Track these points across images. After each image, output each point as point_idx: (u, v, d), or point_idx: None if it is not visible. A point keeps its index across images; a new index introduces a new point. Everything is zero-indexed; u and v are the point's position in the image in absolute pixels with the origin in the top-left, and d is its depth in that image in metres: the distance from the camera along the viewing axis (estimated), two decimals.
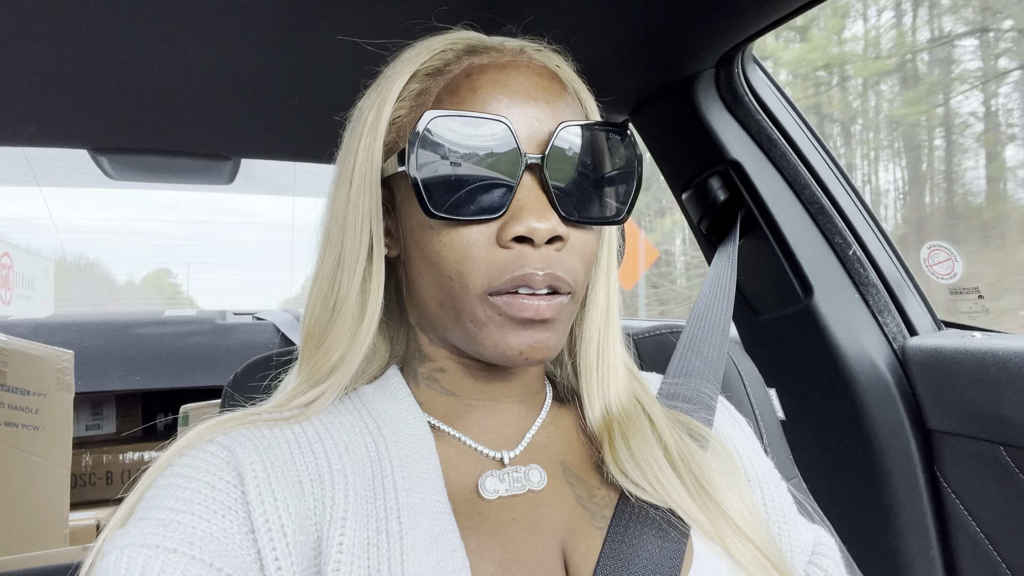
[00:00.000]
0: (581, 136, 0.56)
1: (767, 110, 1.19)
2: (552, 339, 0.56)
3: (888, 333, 1.16)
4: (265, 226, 11.29)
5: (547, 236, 0.53)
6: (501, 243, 0.54)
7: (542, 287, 0.54)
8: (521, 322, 0.54)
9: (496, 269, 0.54)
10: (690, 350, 0.83)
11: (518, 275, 0.53)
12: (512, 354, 0.55)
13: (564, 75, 0.63)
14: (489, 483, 0.57)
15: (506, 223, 0.53)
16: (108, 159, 1.52)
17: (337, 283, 0.60)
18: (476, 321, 0.55)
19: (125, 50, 1.03)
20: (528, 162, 0.54)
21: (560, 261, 0.54)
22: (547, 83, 0.58)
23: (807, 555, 0.67)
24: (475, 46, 0.61)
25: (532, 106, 0.56)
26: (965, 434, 1.04)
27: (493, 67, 0.58)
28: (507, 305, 0.54)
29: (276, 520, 0.48)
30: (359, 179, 0.59)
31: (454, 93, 0.57)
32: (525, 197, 0.54)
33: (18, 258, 6.47)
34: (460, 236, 0.54)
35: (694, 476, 0.59)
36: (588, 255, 0.58)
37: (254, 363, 0.86)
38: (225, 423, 0.56)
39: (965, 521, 1.05)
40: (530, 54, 0.61)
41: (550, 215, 0.53)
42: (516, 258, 0.53)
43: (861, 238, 1.18)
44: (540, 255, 0.53)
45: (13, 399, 1.52)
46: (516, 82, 0.56)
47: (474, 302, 0.55)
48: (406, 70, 0.60)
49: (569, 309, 0.57)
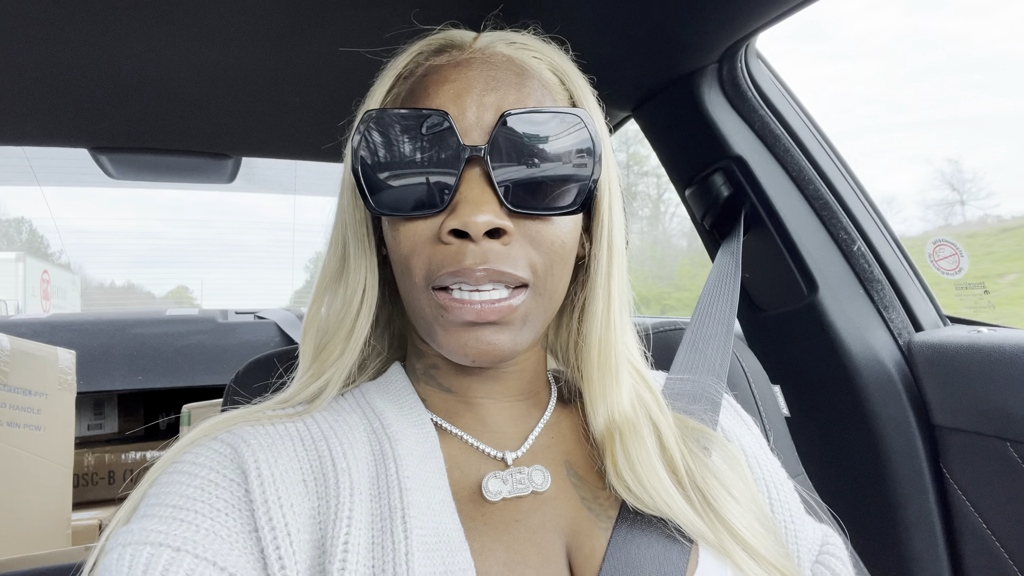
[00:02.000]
0: (532, 123, 0.55)
1: (770, 105, 1.18)
2: (507, 341, 0.55)
3: (893, 329, 1.16)
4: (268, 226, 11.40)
5: (483, 229, 0.52)
6: (441, 237, 0.53)
7: (483, 283, 0.53)
8: (464, 324, 0.54)
9: (436, 263, 0.53)
10: (694, 347, 0.83)
11: (454, 269, 0.52)
12: (460, 356, 0.55)
13: (547, 63, 0.62)
14: (492, 484, 0.56)
15: (446, 217, 0.53)
16: (109, 158, 1.52)
17: (342, 283, 0.61)
18: (426, 318, 0.56)
19: (125, 49, 1.03)
20: (470, 154, 0.53)
21: (505, 255, 0.53)
22: (502, 75, 0.57)
23: (814, 554, 0.67)
24: (444, 46, 0.62)
25: (482, 99, 0.55)
26: (971, 430, 1.03)
27: (448, 66, 0.58)
28: (449, 308, 0.53)
29: (280, 518, 0.47)
30: (348, 182, 0.61)
31: (412, 95, 0.58)
32: (467, 190, 0.53)
33: (54, 274, 7.65)
34: (407, 231, 0.55)
35: (699, 491, 0.58)
36: (546, 245, 0.56)
37: (257, 361, 0.85)
38: (229, 420, 0.56)
39: (971, 517, 1.04)
40: (496, 48, 0.60)
41: (489, 208, 0.52)
42: (454, 253, 0.53)
43: (866, 233, 1.17)
44: (480, 250, 0.52)
45: (15, 399, 1.52)
46: (468, 76, 0.56)
47: (421, 295, 0.55)
48: (389, 75, 0.62)
49: (528, 307, 0.56)
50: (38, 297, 8.44)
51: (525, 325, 0.56)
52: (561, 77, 0.63)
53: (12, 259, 8.21)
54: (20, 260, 8.12)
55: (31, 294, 8.49)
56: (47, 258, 10.23)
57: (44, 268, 7.54)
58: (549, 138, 0.56)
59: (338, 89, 1.19)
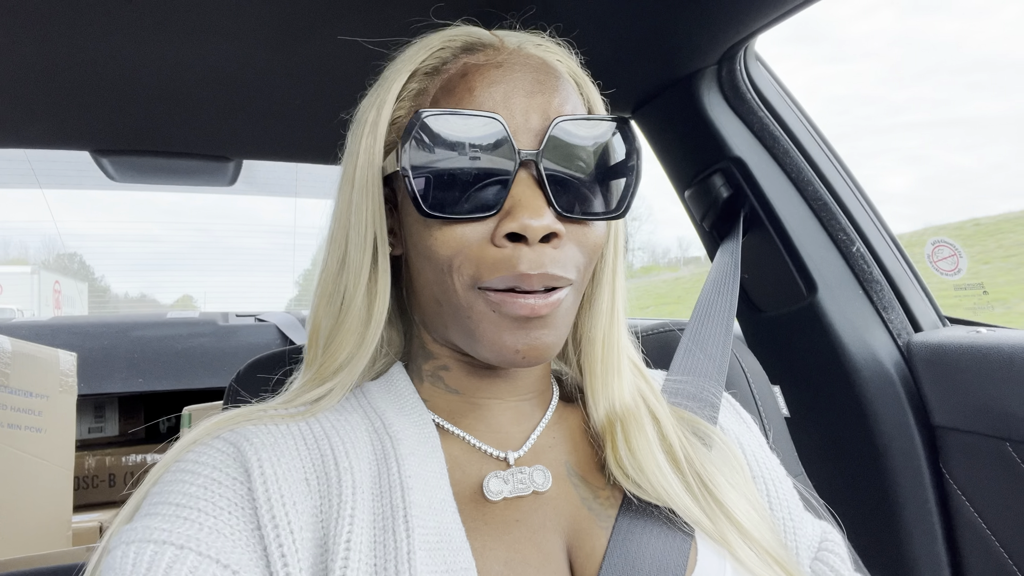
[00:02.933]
0: (578, 130, 0.56)
1: (770, 107, 1.18)
2: (551, 336, 0.55)
3: (892, 329, 1.16)
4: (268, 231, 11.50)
5: (541, 233, 0.52)
6: (495, 241, 0.53)
7: (537, 286, 0.53)
8: (516, 320, 0.53)
9: (488, 265, 0.53)
10: (693, 348, 0.83)
11: (510, 275, 0.52)
12: (509, 354, 0.54)
13: (566, 68, 0.63)
14: (493, 484, 0.56)
15: (501, 220, 0.53)
16: (110, 161, 1.52)
17: (343, 284, 0.60)
18: (471, 317, 0.55)
19: (127, 52, 1.03)
20: (523, 158, 0.53)
21: (556, 258, 0.53)
22: (544, 78, 0.57)
23: (813, 551, 0.67)
24: (472, 43, 0.60)
25: (528, 102, 0.55)
26: (970, 430, 1.03)
27: (489, 65, 0.57)
28: (501, 302, 0.53)
29: (283, 517, 0.47)
30: (360, 180, 0.59)
31: (450, 93, 0.57)
32: (520, 193, 0.53)
33: (65, 284, 8.41)
34: (454, 233, 0.54)
35: (698, 476, 0.59)
36: (589, 247, 0.57)
37: (258, 361, 0.85)
38: (231, 419, 0.56)
39: (971, 517, 1.04)
40: (528, 50, 0.60)
41: (545, 212, 0.52)
42: (509, 256, 0.52)
43: (865, 234, 1.18)
44: (534, 254, 0.52)
45: (16, 401, 1.52)
46: (512, 79, 0.56)
47: (466, 294, 0.54)
48: (405, 69, 0.60)
49: (569, 303, 0.57)
50: (51, 306, 9.17)
51: (565, 321, 0.57)
52: (578, 82, 0.63)
53: (28, 272, 9.14)
54: (35, 272, 9.01)
55: (44, 303, 9.27)
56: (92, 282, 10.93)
57: (56, 279, 8.27)
58: (595, 144, 0.56)
59: (340, 91, 1.19)
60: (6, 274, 8.95)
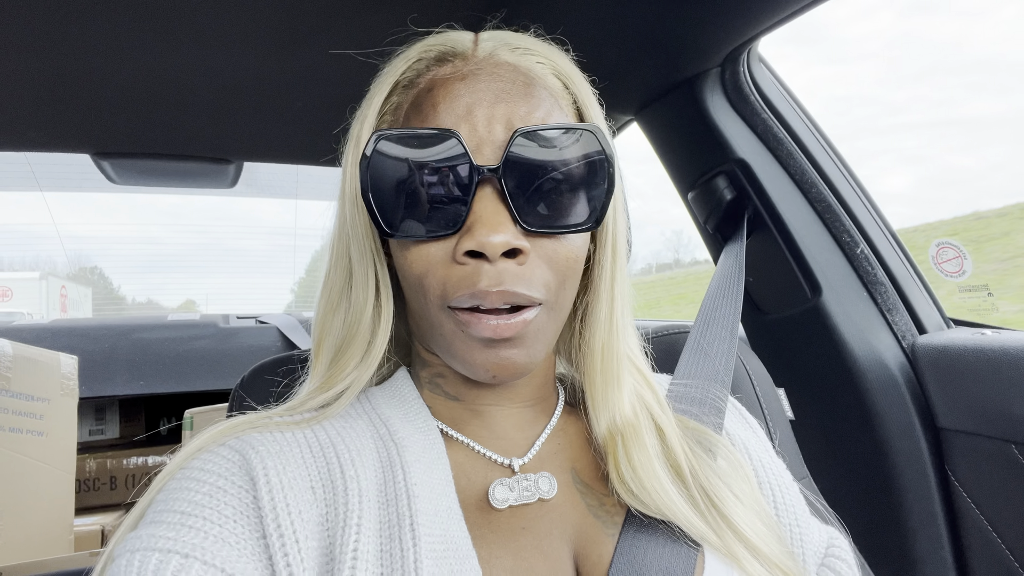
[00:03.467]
0: (545, 139, 0.54)
1: (773, 109, 1.18)
2: (521, 356, 0.54)
3: (897, 331, 1.16)
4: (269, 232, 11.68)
5: (501, 250, 0.51)
6: (456, 259, 0.52)
7: (497, 303, 0.52)
8: (483, 340, 0.53)
9: (452, 284, 0.52)
10: (698, 351, 0.82)
11: (469, 292, 0.51)
12: (481, 372, 0.54)
13: (551, 67, 0.61)
14: (499, 492, 0.56)
15: (460, 237, 0.52)
16: (111, 163, 1.52)
17: (351, 298, 0.60)
18: (443, 335, 0.55)
19: (127, 55, 1.03)
20: (484, 173, 0.52)
21: (520, 275, 0.52)
22: (511, 86, 0.56)
23: (820, 557, 0.66)
24: (444, 53, 0.59)
25: (491, 112, 0.54)
26: (976, 432, 1.03)
27: (454, 79, 0.56)
28: (467, 323, 0.52)
29: (288, 525, 0.47)
30: (351, 195, 0.59)
31: (418, 109, 0.56)
32: (482, 210, 0.52)
33: (71, 289, 8.97)
34: (420, 252, 0.54)
35: (703, 490, 0.58)
36: (560, 264, 0.55)
37: (263, 366, 0.85)
38: (237, 426, 0.56)
39: (977, 520, 1.04)
40: (501, 56, 0.59)
41: (505, 228, 0.51)
42: (470, 274, 0.52)
43: (869, 236, 1.17)
44: (495, 270, 0.51)
45: (17, 404, 1.52)
46: (476, 89, 0.55)
47: (437, 313, 0.54)
48: (387, 83, 0.60)
49: (541, 322, 0.55)
50: (57, 309, 9.71)
51: (538, 340, 0.56)
52: (564, 81, 0.62)
53: (36, 277, 9.76)
54: (43, 278, 9.60)
55: (52, 307, 9.81)
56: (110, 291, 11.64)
57: (62, 284, 8.95)
58: (562, 153, 0.54)
59: (340, 93, 1.19)
60: (16, 279, 9.55)
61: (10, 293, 9.26)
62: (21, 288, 9.48)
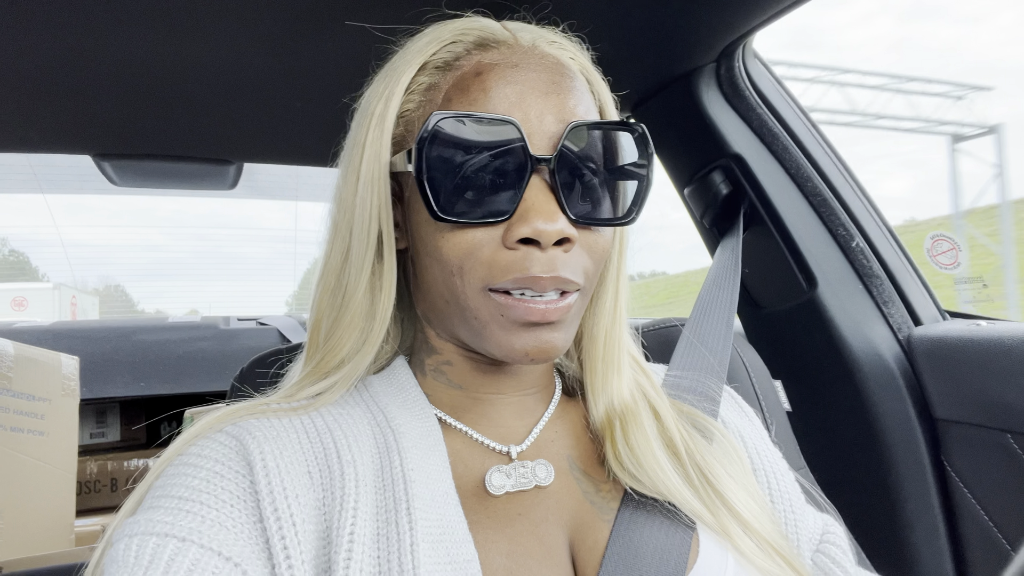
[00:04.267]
0: (592, 135, 0.55)
1: (768, 104, 1.19)
2: (560, 339, 0.55)
3: (893, 323, 1.16)
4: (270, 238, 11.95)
5: (554, 238, 0.52)
6: (507, 244, 0.53)
7: (548, 290, 0.53)
8: (526, 324, 0.53)
9: (500, 268, 0.53)
10: (694, 343, 0.83)
11: (521, 276, 0.52)
12: (518, 355, 0.55)
13: (579, 65, 0.62)
14: (496, 479, 0.57)
15: (512, 224, 0.53)
16: (111, 165, 1.52)
17: (345, 277, 0.59)
18: (478, 319, 0.55)
19: (127, 55, 1.04)
20: (537, 163, 0.53)
21: (567, 262, 0.54)
22: (559, 79, 0.57)
23: (815, 543, 0.67)
24: (486, 39, 0.59)
25: (543, 103, 0.55)
26: (971, 422, 1.03)
27: (505, 65, 0.56)
28: (510, 307, 0.53)
29: (285, 509, 0.48)
30: (367, 174, 0.58)
31: (464, 92, 0.55)
32: (533, 198, 0.53)
33: (80, 297, 9.65)
34: (466, 237, 0.54)
35: (699, 469, 0.59)
36: (599, 253, 0.57)
37: (261, 359, 0.86)
38: (234, 413, 0.56)
39: (973, 509, 1.04)
40: (543, 48, 0.59)
41: (558, 217, 0.52)
42: (521, 259, 0.52)
43: (864, 229, 1.18)
44: (546, 257, 0.52)
45: (18, 404, 1.52)
46: (527, 79, 0.55)
47: (475, 297, 0.54)
48: (415, 61, 0.59)
49: (578, 307, 0.57)
50: (68, 316, 10.20)
51: (573, 323, 0.57)
52: (589, 78, 0.63)
53: (50, 287, 10.66)
54: (56, 288, 10.50)
55: (64, 315, 10.44)
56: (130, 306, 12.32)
57: (72, 294, 9.77)
58: (608, 150, 0.56)
59: (340, 94, 1.19)
60: (31, 290, 10.44)
61: (26, 302, 9.96)
62: (36, 298, 10.23)
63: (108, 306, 11.10)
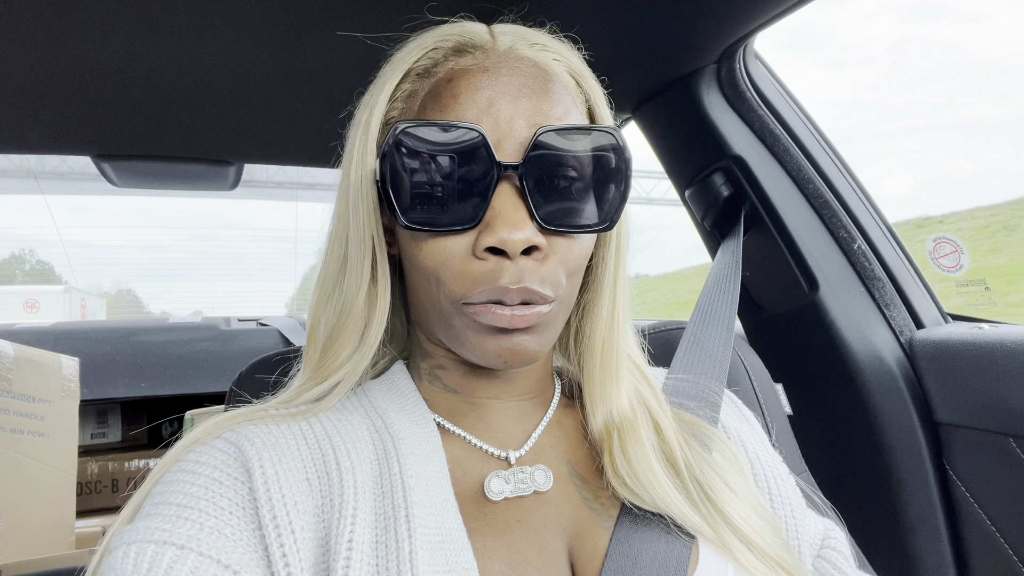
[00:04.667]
0: (565, 138, 0.54)
1: (769, 105, 1.18)
2: (533, 343, 0.55)
3: (895, 326, 1.16)
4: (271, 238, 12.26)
5: (521, 247, 0.51)
6: (475, 254, 0.52)
7: (515, 301, 0.52)
8: (496, 329, 0.53)
9: (470, 281, 0.53)
10: (694, 346, 0.82)
11: (490, 288, 0.52)
12: (492, 358, 0.54)
13: (565, 66, 0.61)
14: (494, 484, 0.56)
15: (480, 233, 0.52)
16: (111, 165, 1.52)
17: (344, 285, 0.59)
18: (453, 326, 0.55)
19: (128, 55, 1.03)
20: (504, 169, 0.52)
21: (536, 273, 0.53)
22: (533, 82, 0.56)
23: (816, 548, 0.66)
24: (464, 44, 0.59)
25: (513, 107, 0.54)
26: (974, 426, 1.03)
27: (475, 71, 0.56)
28: (478, 313, 0.53)
29: (284, 516, 0.47)
30: (355, 180, 0.58)
31: (437, 99, 0.56)
32: (500, 205, 0.52)
33: (89, 300, 10.15)
34: (437, 245, 0.53)
35: (698, 483, 0.58)
36: (572, 263, 0.56)
37: (259, 362, 0.85)
38: (232, 419, 0.56)
39: (975, 514, 1.04)
40: (521, 51, 0.59)
41: (525, 225, 0.52)
42: (490, 271, 0.52)
43: (866, 232, 1.17)
44: (515, 268, 0.52)
45: (18, 406, 1.52)
46: (498, 83, 0.55)
47: (449, 309, 0.54)
48: (399, 69, 0.59)
49: (552, 315, 0.56)
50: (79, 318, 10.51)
51: (548, 329, 0.56)
52: (578, 80, 0.62)
53: (61, 291, 11.21)
54: (67, 291, 11.01)
55: (75, 317, 10.86)
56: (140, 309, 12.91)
57: (82, 297, 10.34)
58: (581, 154, 0.55)
59: (339, 95, 1.19)
60: (43, 292, 10.90)
61: (38, 305, 10.35)
62: (48, 300, 10.68)
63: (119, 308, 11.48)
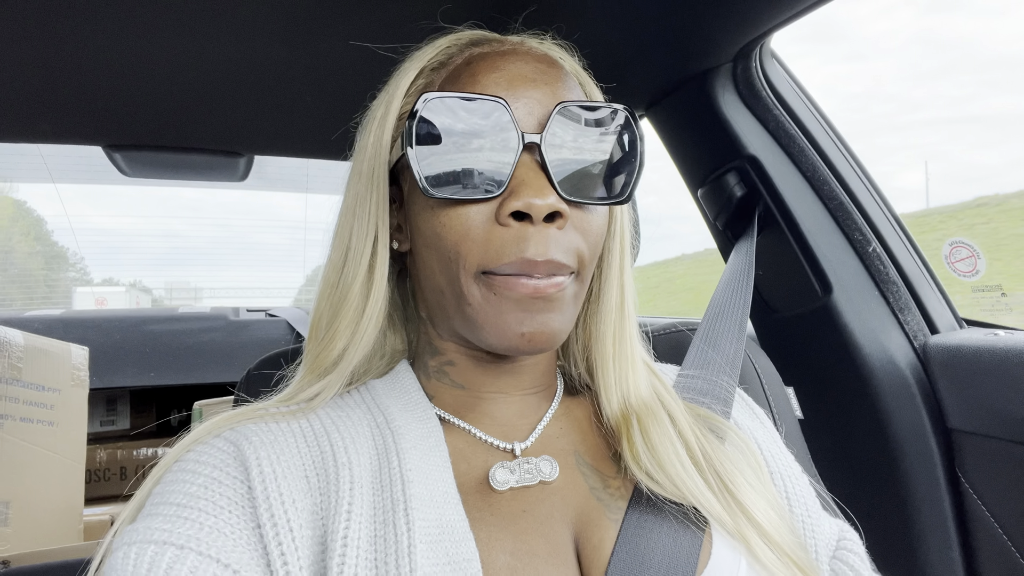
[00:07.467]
0: (581, 116, 0.57)
1: (785, 105, 1.17)
2: (556, 321, 0.55)
3: (909, 331, 1.15)
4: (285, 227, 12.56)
5: (545, 212, 0.53)
6: (500, 220, 0.54)
7: (543, 273, 0.53)
8: (519, 301, 0.54)
9: (494, 249, 0.53)
10: (706, 345, 0.82)
11: (516, 260, 0.53)
12: (514, 339, 0.54)
13: (567, 64, 0.64)
14: (499, 474, 0.56)
15: (504, 199, 0.54)
16: (122, 156, 1.53)
17: (343, 275, 0.60)
18: (471, 305, 0.55)
19: (139, 46, 1.04)
20: (526, 141, 0.54)
21: (559, 241, 0.54)
22: (546, 68, 0.59)
23: (831, 549, 0.66)
24: (478, 39, 0.62)
25: (530, 88, 0.57)
26: (987, 434, 1.02)
27: (493, 54, 0.59)
28: (503, 285, 0.53)
29: (282, 515, 0.48)
30: (367, 172, 0.60)
31: (455, 81, 0.58)
32: (524, 174, 0.54)
33: (111, 296, 11.55)
34: (459, 215, 0.55)
35: (716, 474, 0.58)
36: (592, 234, 0.58)
37: (267, 359, 0.86)
38: (231, 418, 0.56)
39: (987, 522, 1.03)
40: (530, 44, 0.62)
41: (548, 192, 0.53)
42: (515, 239, 0.53)
43: (881, 235, 1.16)
44: (540, 235, 0.53)
45: (28, 394, 1.53)
46: (515, 66, 0.57)
47: (469, 281, 0.55)
48: (414, 67, 0.62)
49: (573, 290, 0.57)
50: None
51: (569, 307, 0.57)
52: (580, 79, 0.64)
53: (123, 291, 12.44)
54: (128, 291, 12.30)
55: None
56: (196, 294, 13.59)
57: (138, 294, 12.11)
58: (597, 130, 0.58)
59: (351, 87, 1.19)
60: (109, 292, 12.31)
61: (105, 302, 11.25)
62: (113, 298, 11.83)
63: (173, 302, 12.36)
